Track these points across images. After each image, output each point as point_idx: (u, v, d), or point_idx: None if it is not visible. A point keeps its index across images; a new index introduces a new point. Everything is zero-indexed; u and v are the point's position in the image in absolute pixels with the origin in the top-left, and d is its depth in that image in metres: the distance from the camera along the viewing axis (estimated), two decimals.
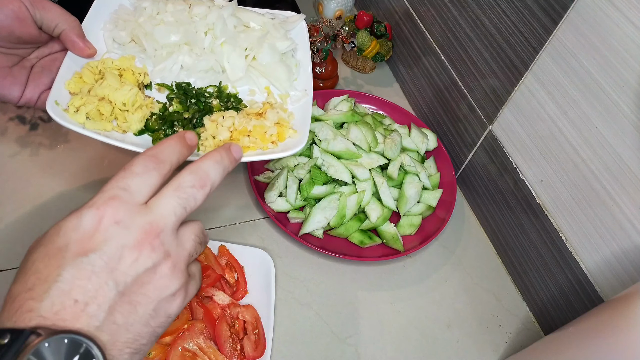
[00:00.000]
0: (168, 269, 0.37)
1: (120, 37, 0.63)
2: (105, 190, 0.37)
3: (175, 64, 0.63)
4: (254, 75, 0.66)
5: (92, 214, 0.36)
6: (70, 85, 0.57)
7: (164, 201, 0.38)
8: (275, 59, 0.65)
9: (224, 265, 0.64)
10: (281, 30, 0.68)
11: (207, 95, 0.63)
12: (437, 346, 0.65)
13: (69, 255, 0.34)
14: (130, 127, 0.57)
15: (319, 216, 0.69)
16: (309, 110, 0.63)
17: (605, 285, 0.59)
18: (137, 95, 0.58)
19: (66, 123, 0.53)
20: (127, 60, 0.62)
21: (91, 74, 0.58)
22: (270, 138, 0.60)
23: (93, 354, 0.32)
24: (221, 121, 0.59)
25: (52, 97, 0.54)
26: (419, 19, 0.87)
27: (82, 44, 0.57)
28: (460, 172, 0.82)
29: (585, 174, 0.59)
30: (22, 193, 0.68)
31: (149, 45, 0.62)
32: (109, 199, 0.37)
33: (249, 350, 0.57)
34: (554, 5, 0.58)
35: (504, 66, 0.68)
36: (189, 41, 0.63)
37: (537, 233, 0.67)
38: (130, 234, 0.36)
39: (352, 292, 0.68)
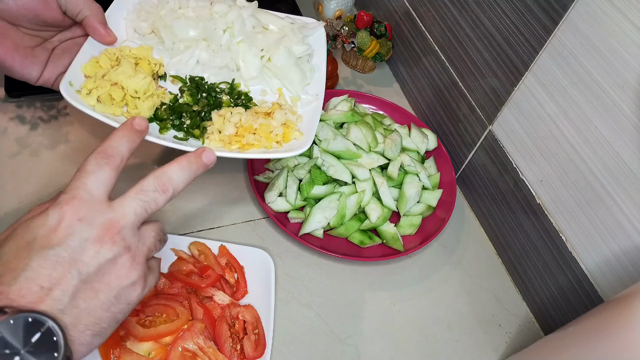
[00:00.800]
0: (128, 260, 0.41)
1: (141, 27, 0.64)
2: (67, 191, 0.41)
3: (192, 58, 0.64)
4: (267, 76, 0.67)
5: (56, 213, 0.39)
6: (86, 68, 0.58)
7: (126, 202, 0.42)
8: (290, 62, 0.66)
9: (224, 265, 0.64)
10: (299, 35, 0.69)
11: (218, 90, 0.64)
12: (437, 346, 0.65)
13: (36, 247, 0.38)
14: (140, 114, 0.58)
15: (319, 216, 0.69)
16: (318, 114, 0.64)
17: (605, 285, 0.59)
18: (149, 84, 0.59)
19: (77, 104, 0.54)
20: (145, 50, 0.63)
21: (108, 60, 0.59)
22: (276, 138, 0.60)
23: (54, 332, 0.36)
24: (228, 116, 0.60)
25: (67, 78, 0.56)
26: (419, 19, 0.87)
27: (103, 31, 0.59)
28: (460, 172, 0.82)
29: (585, 174, 0.59)
30: (22, 193, 0.68)
31: (167, 37, 0.63)
32: (71, 199, 0.40)
33: (249, 350, 0.57)
34: (554, 5, 0.58)
35: (504, 66, 0.68)
36: (207, 37, 0.64)
37: (537, 233, 0.67)
38: (92, 229, 0.39)
39: (352, 292, 0.68)
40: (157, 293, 0.60)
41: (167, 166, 0.45)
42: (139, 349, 0.55)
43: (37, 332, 0.35)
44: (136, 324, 0.55)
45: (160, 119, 0.60)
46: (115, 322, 0.41)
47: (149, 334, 0.55)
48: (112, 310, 0.40)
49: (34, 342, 0.35)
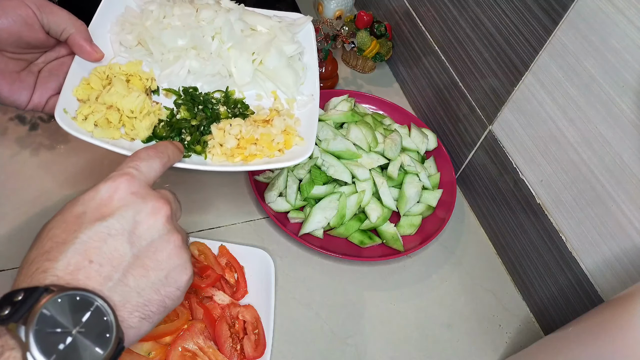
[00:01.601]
0: (179, 240, 0.41)
1: (126, 40, 0.62)
2: (119, 169, 0.41)
3: (183, 69, 0.63)
4: (260, 80, 0.66)
5: (108, 186, 0.39)
6: (78, 92, 0.56)
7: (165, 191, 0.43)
8: (282, 63, 0.65)
9: (224, 265, 0.64)
10: (288, 34, 0.67)
11: (214, 101, 0.63)
12: (437, 346, 0.65)
13: (86, 220, 0.37)
14: (139, 134, 0.57)
15: (319, 216, 0.69)
16: (316, 116, 0.63)
17: (605, 285, 0.59)
18: (144, 102, 0.58)
19: (75, 132, 0.53)
20: (134, 65, 0.61)
21: (99, 80, 0.58)
22: (277, 146, 0.60)
23: (104, 311, 0.34)
24: (228, 129, 0.59)
25: (60, 105, 0.54)
26: (419, 19, 0.87)
27: (90, 48, 0.57)
28: (460, 172, 0.82)
29: (585, 174, 0.59)
30: (22, 193, 0.68)
31: (155, 49, 0.62)
32: (123, 174, 0.40)
33: (249, 350, 0.57)
34: (554, 5, 0.58)
35: (504, 66, 0.68)
36: (196, 45, 0.63)
37: (537, 233, 0.67)
38: (146, 203, 0.39)
39: (352, 292, 0.68)
40: None
41: None
42: (139, 349, 0.55)
43: (86, 311, 0.34)
44: None
45: (160, 137, 0.59)
46: (164, 308, 0.40)
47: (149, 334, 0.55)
48: (162, 293, 0.39)
49: (84, 321, 0.34)
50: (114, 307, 0.36)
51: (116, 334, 0.35)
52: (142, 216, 0.39)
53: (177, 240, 0.40)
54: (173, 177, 0.74)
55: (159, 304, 0.39)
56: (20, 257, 0.64)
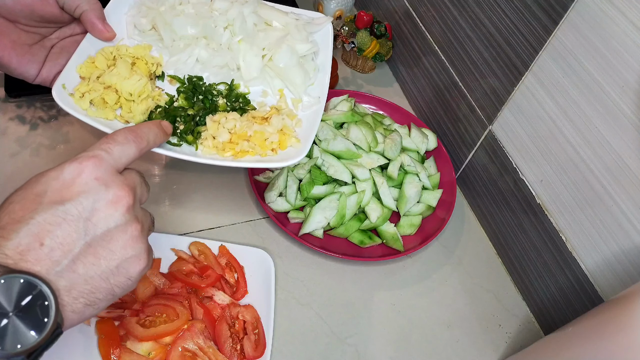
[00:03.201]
0: (136, 230, 0.40)
1: (141, 24, 0.62)
2: (89, 150, 0.40)
3: (191, 57, 0.63)
4: (268, 76, 0.65)
5: (73, 167, 0.38)
6: (81, 69, 0.56)
7: (134, 175, 0.42)
8: (292, 62, 0.64)
9: (224, 265, 0.64)
10: (303, 32, 0.66)
11: (215, 93, 0.63)
12: (437, 346, 0.65)
13: (45, 201, 0.36)
14: (134, 117, 0.57)
15: (319, 216, 0.69)
16: (318, 119, 0.61)
17: (605, 285, 0.59)
18: (144, 86, 0.57)
19: (68, 108, 0.52)
20: (142, 49, 0.61)
21: (104, 60, 0.58)
22: (270, 145, 0.58)
23: (46, 296, 0.35)
24: (223, 122, 0.58)
25: (60, 80, 0.54)
26: (419, 19, 0.87)
27: (102, 26, 0.57)
28: (460, 172, 0.82)
29: (585, 174, 0.59)
30: None
31: (166, 35, 0.62)
32: (91, 157, 0.39)
33: (249, 350, 0.57)
34: (554, 5, 0.58)
35: (504, 66, 0.68)
36: (207, 35, 0.63)
37: (537, 233, 0.67)
38: (108, 191, 0.38)
39: (352, 292, 0.68)
40: (157, 293, 0.60)
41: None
42: (139, 349, 0.55)
43: (27, 295, 0.34)
44: (136, 324, 0.55)
45: None
46: (112, 296, 0.39)
47: (149, 334, 0.55)
48: (111, 282, 0.39)
49: (23, 305, 0.34)
50: (58, 292, 0.36)
51: (54, 319, 0.35)
52: (101, 204, 0.38)
53: (134, 230, 0.40)
54: (173, 176, 0.74)
55: (107, 291, 0.39)
56: None
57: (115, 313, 0.57)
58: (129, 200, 0.39)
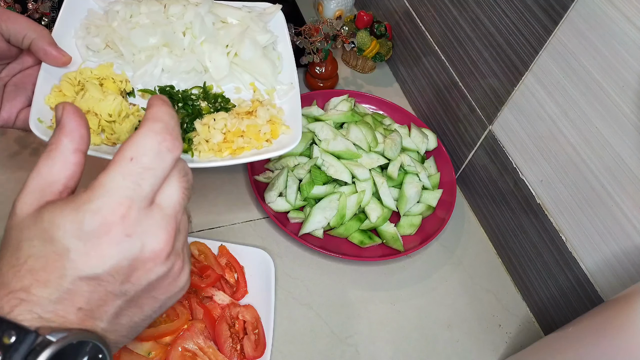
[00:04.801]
0: (178, 269, 0.36)
1: (94, 43, 0.60)
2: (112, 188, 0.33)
3: (156, 68, 0.61)
4: (237, 72, 0.65)
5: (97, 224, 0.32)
6: (50, 100, 0.54)
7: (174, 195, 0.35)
8: (257, 54, 0.63)
9: (224, 265, 0.64)
10: (260, 23, 0.65)
11: (193, 97, 0.61)
12: (437, 346, 0.65)
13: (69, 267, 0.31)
14: (120, 138, 0.55)
15: (319, 216, 0.69)
16: (298, 103, 0.61)
17: (605, 285, 0.59)
18: (122, 105, 0.55)
19: None
20: (106, 68, 0.59)
21: (70, 86, 0.55)
22: (265, 137, 0.59)
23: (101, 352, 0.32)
24: (213, 124, 0.58)
25: (34, 115, 0.51)
26: (419, 19, 0.87)
27: (55, 52, 0.53)
28: (460, 172, 0.82)
29: (585, 174, 0.59)
30: None
31: (126, 50, 0.60)
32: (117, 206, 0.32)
33: (249, 350, 0.57)
34: (554, 5, 0.58)
35: (504, 66, 0.68)
36: (167, 42, 0.61)
37: (537, 233, 0.67)
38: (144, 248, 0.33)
39: (352, 292, 0.68)
40: None
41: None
42: (139, 349, 0.55)
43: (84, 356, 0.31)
44: None
45: None
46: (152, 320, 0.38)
47: (149, 334, 0.55)
48: (153, 316, 0.37)
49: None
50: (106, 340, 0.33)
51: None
52: (137, 263, 0.33)
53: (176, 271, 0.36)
54: None
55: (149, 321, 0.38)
56: None
57: None
58: (168, 249, 0.34)
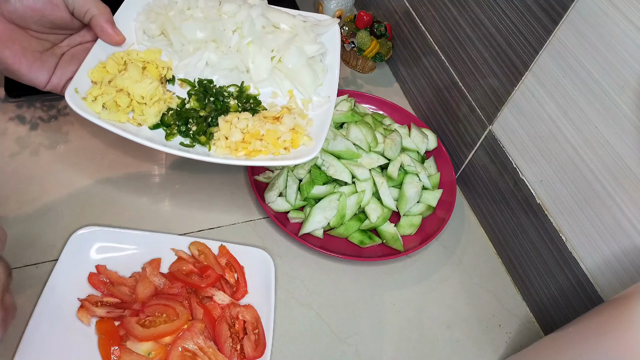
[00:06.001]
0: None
1: (150, 29, 0.63)
2: None
3: (200, 61, 0.63)
4: (278, 78, 0.66)
5: None
6: (93, 74, 0.57)
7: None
8: (301, 63, 0.64)
9: (224, 265, 0.64)
10: (311, 34, 0.67)
11: (226, 94, 0.63)
12: (437, 346, 0.65)
13: None
14: (146, 120, 0.58)
15: (319, 216, 0.69)
16: (329, 118, 0.62)
17: (605, 285, 0.59)
18: (156, 89, 0.58)
19: (82, 112, 0.53)
20: (153, 53, 0.62)
21: (115, 64, 0.59)
22: (283, 144, 0.59)
23: None
24: (235, 122, 0.59)
25: (73, 84, 0.55)
26: (419, 19, 0.87)
27: (111, 30, 0.58)
28: (460, 172, 0.82)
29: (585, 174, 0.59)
30: (22, 193, 0.68)
31: (176, 39, 0.62)
32: None
33: (249, 350, 0.57)
34: (554, 5, 0.58)
35: (504, 66, 0.68)
36: (215, 38, 0.63)
37: (537, 233, 0.67)
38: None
39: (352, 292, 0.68)
40: (157, 293, 0.60)
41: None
42: (139, 349, 0.55)
43: None
44: (136, 324, 0.55)
45: (167, 124, 0.59)
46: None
47: (149, 334, 0.55)
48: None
49: None
50: None
51: None
52: None
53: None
54: (173, 175, 0.74)
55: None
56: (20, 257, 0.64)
57: (115, 313, 0.57)
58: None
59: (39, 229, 0.65)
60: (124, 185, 0.71)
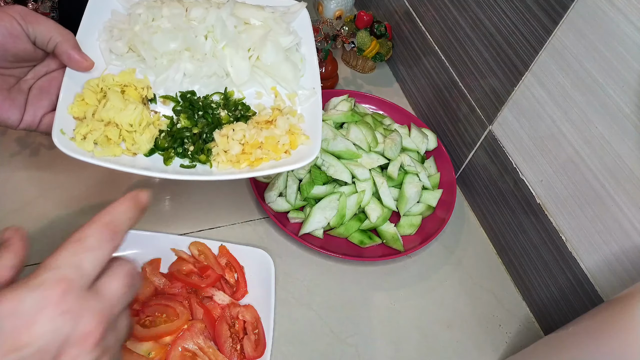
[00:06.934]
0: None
1: (117, 47, 0.59)
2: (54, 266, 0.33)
3: (178, 73, 0.60)
4: (259, 77, 0.64)
5: (35, 299, 0.31)
6: (73, 109, 0.54)
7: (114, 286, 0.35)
8: (280, 57, 0.62)
9: (224, 265, 0.64)
10: (283, 25, 0.64)
11: (214, 106, 0.61)
12: (437, 346, 0.65)
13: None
14: (140, 148, 0.55)
15: (319, 216, 0.69)
16: (319, 110, 0.60)
17: (605, 285, 0.59)
18: (142, 114, 0.55)
19: (75, 154, 0.50)
20: (128, 75, 0.59)
21: (93, 94, 0.55)
22: (283, 148, 0.58)
23: None
24: (231, 134, 0.57)
25: (57, 126, 0.52)
26: (419, 19, 0.87)
27: (79, 57, 0.54)
28: (460, 172, 0.82)
29: (585, 174, 0.59)
30: (22, 193, 0.68)
31: (147, 54, 0.59)
32: (59, 281, 0.32)
33: (249, 350, 0.57)
34: (554, 5, 0.58)
35: (504, 66, 0.68)
36: (189, 47, 0.60)
37: (537, 233, 0.67)
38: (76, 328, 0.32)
39: (352, 292, 0.68)
40: (157, 293, 0.60)
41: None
42: (139, 349, 0.55)
43: None
44: (136, 324, 0.56)
45: (162, 148, 0.56)
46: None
47: (149, 334, 0.55)
48: None
49: None
50: None
51: None
52: (66, 347, 0.32)
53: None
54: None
55: None
56: None
57: None
58: (97, 336, 0.33)
59: (39, 229, 0.65)
60: (124, 185, 0.71)
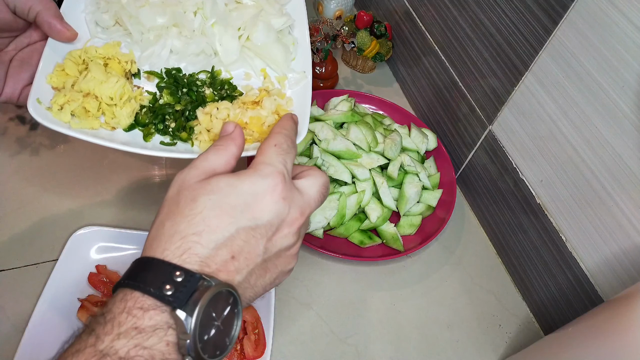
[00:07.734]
0: (297, 249, 0.43)
1: (103, 20, 0.57)
2: (271, 162, 0.41)
3: (164, 49, 0.58)
4: (248, 57, 0.61)
5: (267, 184, 0.39)
6: (52, 79, 0.52)
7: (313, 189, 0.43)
8: (270, 39, 0.60)
9: None
10: (276, 5, 0.62)
11: (199, 83, 0.59)
12: (437, 346, 0.65)
13: (239, 217, 0.38)
14: (120, 122, 0.53)
15: (319, 216, 0.69)
16: (309, 94, 0.58)
17: (605, 285, 0.59)
18: (124, 87, 0.53)
19: (50, 124, 0.49)
20: (112, 48, 0.57)
21: (74, 65, 0.53)
22: (268, 129, 0.55)
23: (237, 307, 0.37)
24: (215, 113, 0.55)
25: (33, 95, 0.50)
26: (419, 19, 0.87)
27: (60, 26, 0.52)
28: (460, 172, 0.82)
29: (585, 174, 0.59)
30: (22, 193, 0.68)
31: (134, 29, 0.57)
32: (279, 173, 0.40)
33: (249, 350, 0.57)
34: (554, 5, 0.58)
35: (504, 66, 0.68)
36: (177, 23, 0.58)
37: (537, 233, 0.67)
38: (290, 212, 0.40)
39: (352, 292, 0.68)
40: None
41: None
42: None
43: (227, 305, 0.36)
44: None
45: (143, 124, 0.54)
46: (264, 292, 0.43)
47: None
48: (266, 289, 0.42)
49: (225, 315, 0.36)
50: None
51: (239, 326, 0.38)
52: (282, 226, 0.40)
53: (295, 250, 0.43)
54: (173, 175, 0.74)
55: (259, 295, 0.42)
56: (20, 257, 0.64)
57: None
58: (300, 222, 0.41)
59: (39, 229, 0.65)
60: (124, 185, 0.71)
